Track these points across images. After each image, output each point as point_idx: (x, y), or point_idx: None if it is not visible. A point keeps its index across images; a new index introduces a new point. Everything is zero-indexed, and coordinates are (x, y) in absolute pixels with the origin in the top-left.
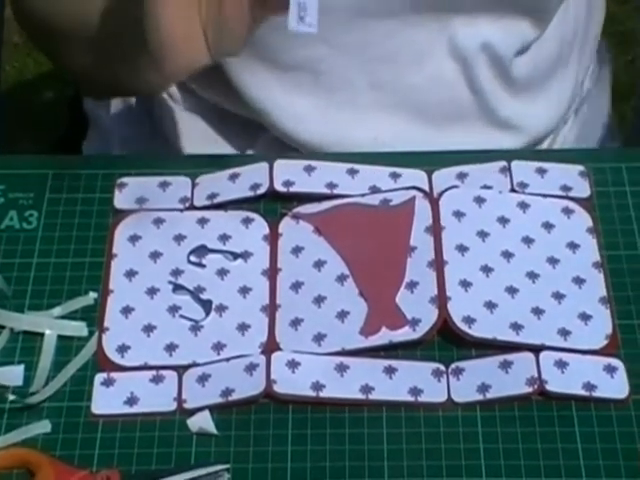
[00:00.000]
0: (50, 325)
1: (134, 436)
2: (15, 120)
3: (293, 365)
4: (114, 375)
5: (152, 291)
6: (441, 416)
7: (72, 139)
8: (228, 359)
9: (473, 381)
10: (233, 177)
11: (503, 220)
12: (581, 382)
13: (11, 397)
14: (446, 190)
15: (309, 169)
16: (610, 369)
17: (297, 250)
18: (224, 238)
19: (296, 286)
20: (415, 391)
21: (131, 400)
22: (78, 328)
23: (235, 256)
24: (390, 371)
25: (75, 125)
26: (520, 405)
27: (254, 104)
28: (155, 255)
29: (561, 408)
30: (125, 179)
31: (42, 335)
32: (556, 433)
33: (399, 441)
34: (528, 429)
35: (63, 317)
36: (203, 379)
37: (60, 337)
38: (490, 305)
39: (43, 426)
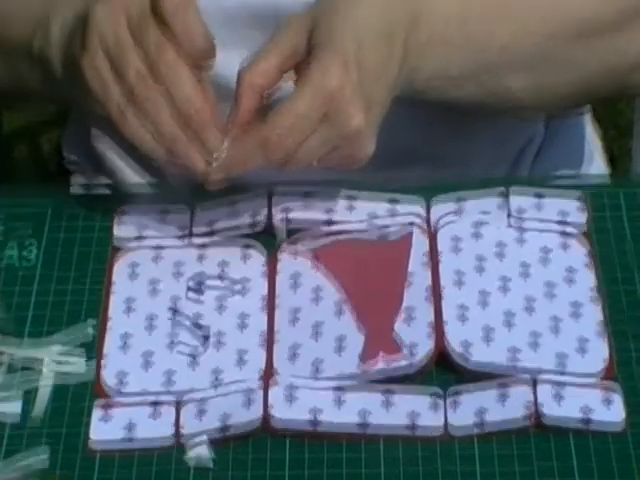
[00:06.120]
0: (48, 355)
1: (131, 471)
2: (19, 158)
3: (291, 395)
4: (112, 404)
5: (151, 320)
6: (438, 451)
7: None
8: (226, 389)
9: (470, 411)
10: (232, 206)
11: (500, 249)
12: (578, 413)
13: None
14: (444, 220)
15: (307, 198)
16: (607, 399)
17: (295, 280)
18: (223, 268)
19: (294, 315)
20: (412, 419)
21: (129, 430)
22: (76, 358)
23: (234, 286)
24: (387, 399)
25: None
26: (518, 438)
27: None
28: (154, 284)
29: (559, 440)
30: (124, 209)
31: (40, 364)
32: (554, 468)
33: (396, 464)
34: (526, 468)
35: (62, 345)
36: (201, 410)
37: (59, 366)
38: (487, 333)
39: (41, 462)
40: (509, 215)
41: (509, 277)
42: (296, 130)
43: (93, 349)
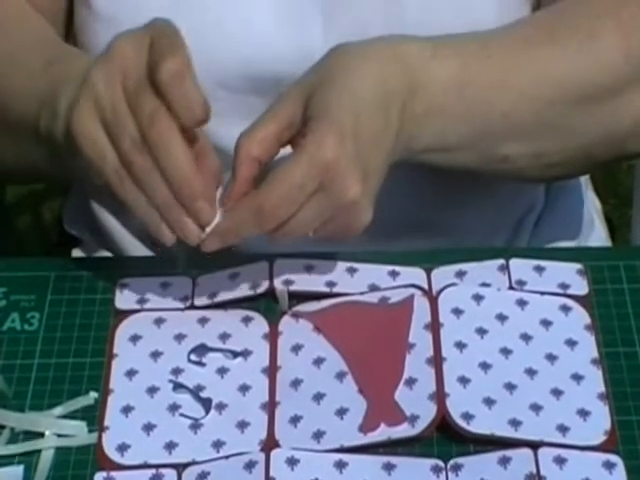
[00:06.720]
0: (50, 425)
1: None
2: (22, 228)
3: (292, 462)
4: (114, 474)
5: (152, 390)
6: None
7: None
8: (227, 457)
9: (472, 477)
10: (233, 277)
11: (501, 317)
12: (580, 478)
13: None
14: (445, 288)
15: (309, 268)
16: (609, 465)
17: (297, 348)
18: (224, 337)
19: (295, 383)
20: None
21: None
22: (78, 428)
23: (235, 355)
24: (389, 468)
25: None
26: None
27: None
28: (155, 354)
29: None
30: (126, 280)
31: (42, 435)
32: None
33: None
34: None
35: (64, 417)
36: (202, 477)
37: (60, 437)
38: (489, 401)
39: None
40: (510, 287)
41: (510, 344)
42: (290, 199)
43: (94, 421)
